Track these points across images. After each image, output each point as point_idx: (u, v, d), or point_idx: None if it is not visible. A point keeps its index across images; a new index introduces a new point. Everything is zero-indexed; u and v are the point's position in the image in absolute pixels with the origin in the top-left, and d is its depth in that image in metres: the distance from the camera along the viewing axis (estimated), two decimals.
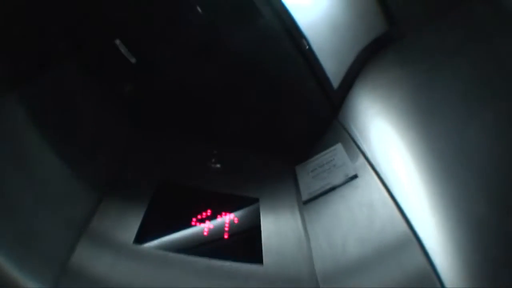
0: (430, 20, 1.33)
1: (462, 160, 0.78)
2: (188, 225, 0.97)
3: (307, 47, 1.14)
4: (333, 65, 1.23)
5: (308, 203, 1.07)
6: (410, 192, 0.83)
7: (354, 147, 1.08)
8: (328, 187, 1.05)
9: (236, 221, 1.02)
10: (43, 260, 0.73)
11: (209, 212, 1.01)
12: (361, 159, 1.02)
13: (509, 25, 1.02)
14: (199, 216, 1.00)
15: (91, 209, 0.93)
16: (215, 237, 0.96)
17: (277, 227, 1.02)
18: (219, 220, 1.01)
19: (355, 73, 1.31)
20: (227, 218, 1.01)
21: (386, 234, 0.80)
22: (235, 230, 0.99)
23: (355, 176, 1.00)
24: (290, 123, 1.27)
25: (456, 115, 0.88)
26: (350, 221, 0.92)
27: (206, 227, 0.98)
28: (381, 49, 1.40)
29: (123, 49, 1.11)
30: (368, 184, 0.95)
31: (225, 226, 0.99)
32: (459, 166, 0.78)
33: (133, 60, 1.12)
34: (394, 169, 0.91)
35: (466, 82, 0.95)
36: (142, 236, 0.90)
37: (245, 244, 0.97)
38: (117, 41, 1.10)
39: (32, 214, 0.76)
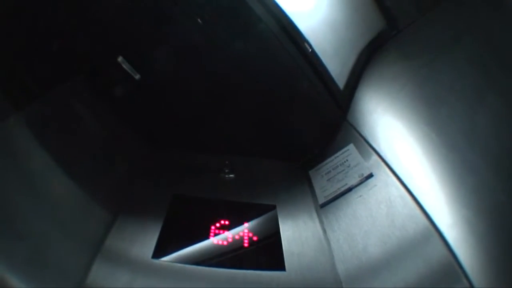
0: (426, 11, 1.34)
1: (476, 148, 0.79)
2: (206, 236, 0.96)
3: (310, 50, 1.15)
4: (336, 66, 1.23)
5: (325, 206, 1.06)
6: (426, 186, 0.83)
7: (366, 146, 1.08)
8: (344, 188, 1.04)
9: (254, 229, 1.01)
10: (59, 281, 0.73)
11: (226, 222, 1.01)
12: (375, 157, 1.02)
13: (503, 10, 1.02)
14: (217, 227, 0.99)
15: (106, 227, 0.93)
16: (235, 246, 0.95)
17: (297, 232, 1.01)
18: (237, 229, 1.00)
19: (359, 72, 1.32)
20: (245, 227, 1.01)
21: (407, 229, 0.80)
22: (254, 238, 0.98)
23: (370, 175, 1.00)
24: (300, 128, 1.27)
25: (463, 103, 0.89)
26: (370, 220, 0.91)
27: (225, 237, 0.97)
28: (381, 46, 1.41)
29: (126, 66, 1.11)
30: (384, 181, 0.95)
31: (244, 235, 0.98)
32: (473, 154, 0.78)
33: (137, 76, 1.13)
34: (408, 164, 0.91)
35: (467, 70, 0.95)
36: (160, 250, 0.90)
37: (266, 251, 0.96)
38: (120, 58, 1.11)
39: (45, 235, 0.75)
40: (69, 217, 0.85)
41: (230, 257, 0.92)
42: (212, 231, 0.98)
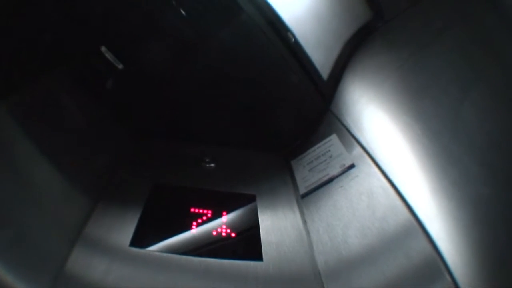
0: (413, 3, 1.33)
1: (459, 140, 0.78)
2: (185, 225, 0.95)
3: (293, 40, 1.13)
4: (320, 57, 1.22)
5: (306, 196, 1.05)
6: (409, 178, 0.82)
7: (349, 137, 1.07)
8: (325, 178, 1.03)
9: (233, 219, 0.99)
10: (38, 266, 0.72)
11: (205, 211, 0.99)
12: (357, 148, 1.01)
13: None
14: (196, 216, 0.98)
15: (86, 214, 0.92)
16: (213, 236, 0.94)
17: (276, 223, 1.00)
18: (216, 218, 0.98)
19: (344, 63, 1.31)
20: (224, 217, 0.99)
21: (388, 221, 0.79)
22: (233, 228, 0.97)
23: (352, 166, 0.99)
24: (282, 118, 1.26)
25: (447, 95, 0.89)
26: (350, 211, 0.90)
27: (204, 226, 0.96)
28: (367, 37, 1.40)
29: (109, 56, 1.10)
30: (366, 172, 0.94)
31: (222, 224, 0.97)
32: (457, 146, 0.77)
33: (120, 66, 1.11)
34: (391, 156, 0.91)
35: (453, 61, 0.95)
36: (138, 239, 0.88)
37: (243, 241, 0.95)
38: (103, 48, 1.09)
39: (25, 220, 0.74)
40: (50, 204, 0.84)
41: (208, 246, 0.91)
42: (191, 220, 0.96)
